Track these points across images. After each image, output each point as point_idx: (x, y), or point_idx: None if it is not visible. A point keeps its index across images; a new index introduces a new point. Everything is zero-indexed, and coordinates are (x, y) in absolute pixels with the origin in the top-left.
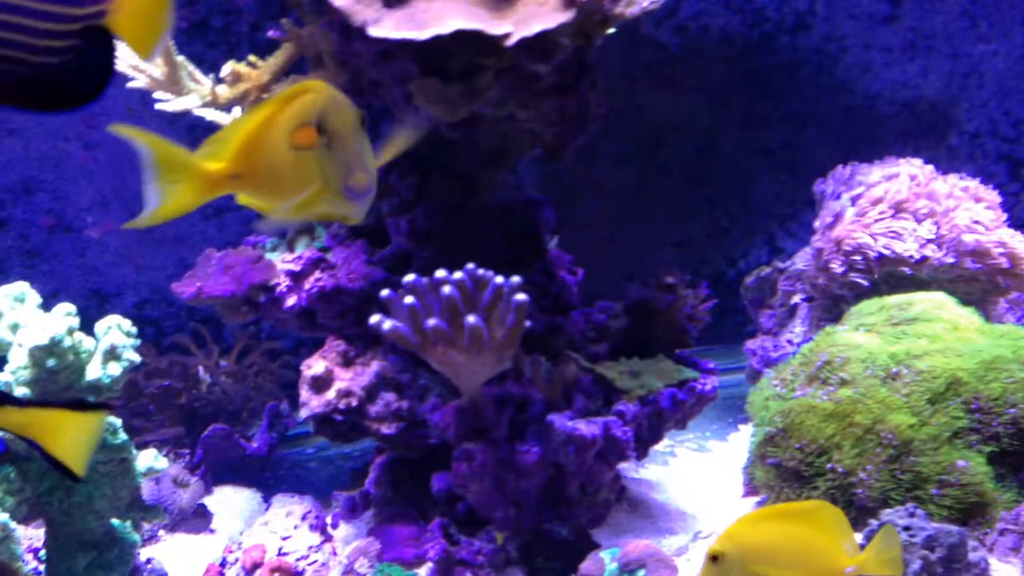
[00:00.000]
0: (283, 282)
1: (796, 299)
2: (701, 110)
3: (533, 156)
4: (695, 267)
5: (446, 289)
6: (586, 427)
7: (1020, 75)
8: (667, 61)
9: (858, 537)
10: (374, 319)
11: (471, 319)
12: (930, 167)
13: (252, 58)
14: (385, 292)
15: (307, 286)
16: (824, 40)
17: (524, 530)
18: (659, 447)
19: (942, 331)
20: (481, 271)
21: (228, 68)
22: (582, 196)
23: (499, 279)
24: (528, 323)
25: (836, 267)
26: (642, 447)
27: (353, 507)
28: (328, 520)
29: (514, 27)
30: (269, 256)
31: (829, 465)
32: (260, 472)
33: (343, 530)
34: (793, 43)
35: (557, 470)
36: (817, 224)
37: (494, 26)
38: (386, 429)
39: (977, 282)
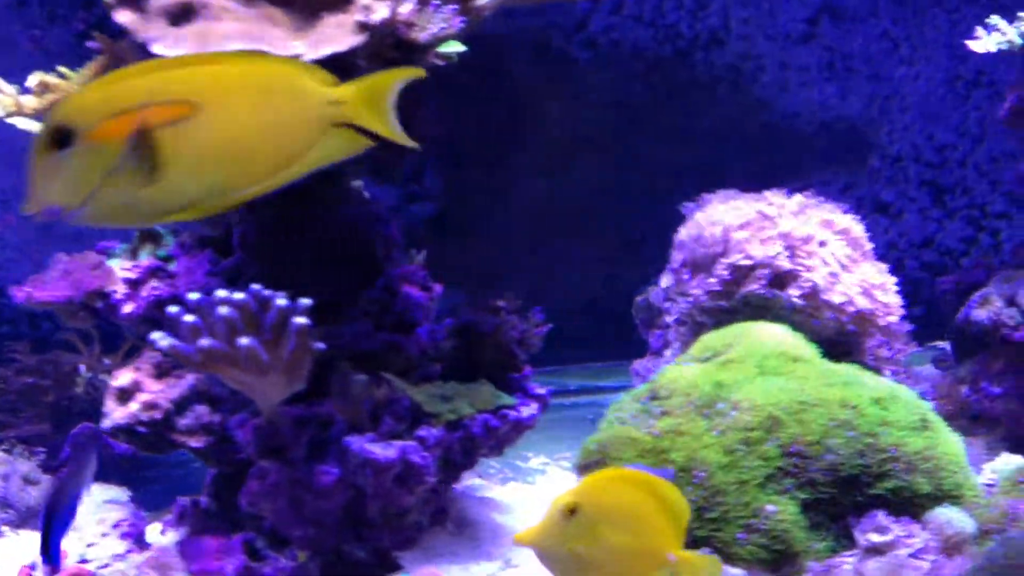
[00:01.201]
0: (120, 289)
1: (670, 320)
2: (615, 124)
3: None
4: (609, 282)
5: (223, 310)
6: (382, 451)
7: (943, 99)
8: (578, 75)
9: None
10: (155, 335)
11: (244, 341)
12: (795, 199)
13: (62, 69)
14: (173, 309)
15: (144, 294)
16: (739, 58)
17: (325, 550)
18: (532, 464)
19: (773, 366)
20: (267, 292)
21: (35, 78)
22: (491, 207)
23: (282, 301)
24: (320, 344)
25: (694, 291)
26: (452, 472)
27: (182, 515)
28: (159, 527)
29: (307, 48)
30: (112, 263)
31: None
32: (134, 471)
33: (171, 537)
34: (708, 59)
35: (358, 492)
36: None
37: (283, 47)
38: (195, 442)
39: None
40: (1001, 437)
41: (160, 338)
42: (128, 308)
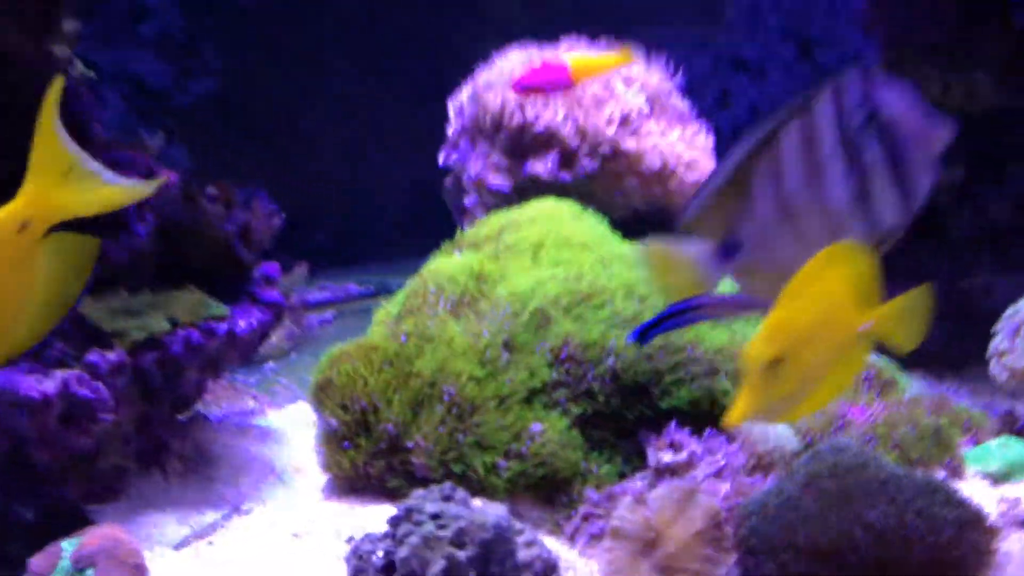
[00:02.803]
0: None
1: (468, 202)
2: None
3: None
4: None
5: None
6: (36, 385)
7: None
8: None
9: None
10: None
11: None
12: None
13: None
14: None
15: None
16: None
17: None
18: None
19: (551, 254)
20: None
21: None
22: (288, 87)
23: None
24: None
25: (474, 166)
26: (158, 403)
27: None
28: None
29: None
30: None
31: (383, 426)
32: None
33: None
34: None
35: (17, 438)
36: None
37: None
38: None
39: (630, 191)
40: None
41: None
42: None
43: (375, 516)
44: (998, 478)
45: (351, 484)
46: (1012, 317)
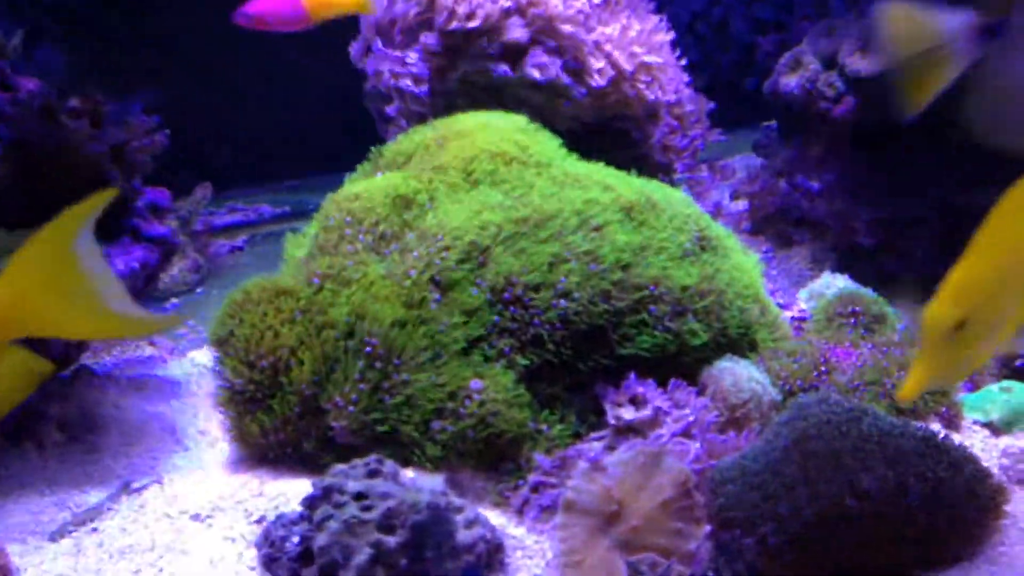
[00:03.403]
0: None
1: (391, 111)
2: None
3: None
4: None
5: None
6: None
7: None
8: None
9: None
10: None
11: None
12: None
13: None
14: None
15: None
16: None
17: None
18: None
19: (487, 173)
20: None
21: None
22: None
23: None
24: None
25: (390, 69)
26: None
27: None
28: None
29: None
30: None
31: (296, 386)
32: None
33: None
34: None
35: None
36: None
37: None
38: None
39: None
40: (831, 246)
41: None
42: None
43: (291, 491)
44: (999, 428)
45: (262, 453)
46: None
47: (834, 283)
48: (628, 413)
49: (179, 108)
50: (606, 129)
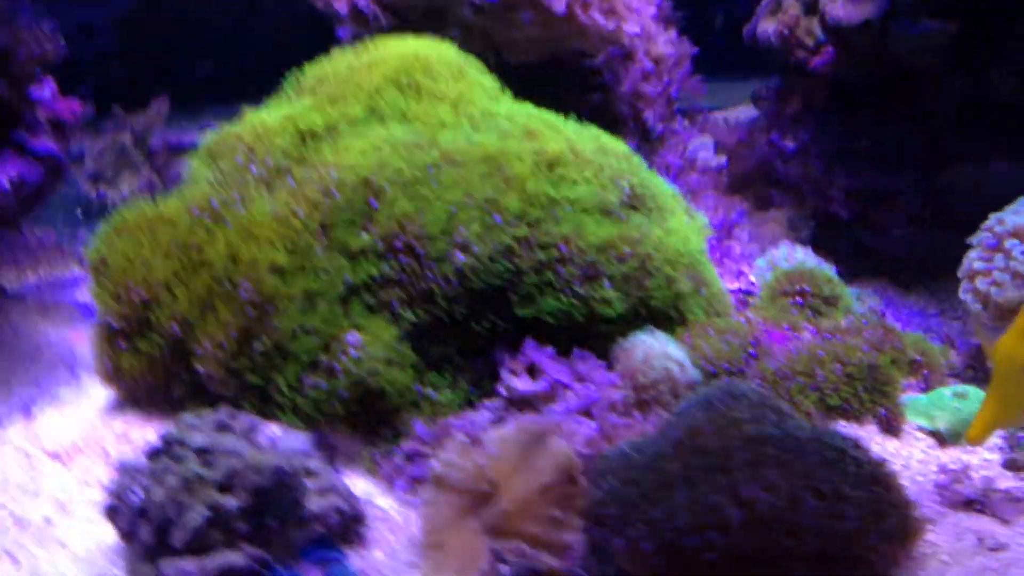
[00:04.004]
0: None
1: (341, 32)
2: None
3: None
4: None
5: None
6: None
7: None
8: None
9: None
10: None
11: None
12: None
13: None
14: None
15: None
16: None
17: None
18: None
19: (392, 104)
20: None
21: None
22: None
23: None
24: None
25: None
26: None
27: None
28: None
29: None
30: None
31: (166, 325)
32: None
33: None
34: None
35: None
36: None
37: None
38: None
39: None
40: (810, 212)
41: None
42: None
43: (156, 438)
44: (946, 438)
45: (133, 395)
46: (994, 228)
47: (793, 254)
48: (521, 384)
49: (152, 18)
50: (563, 68)
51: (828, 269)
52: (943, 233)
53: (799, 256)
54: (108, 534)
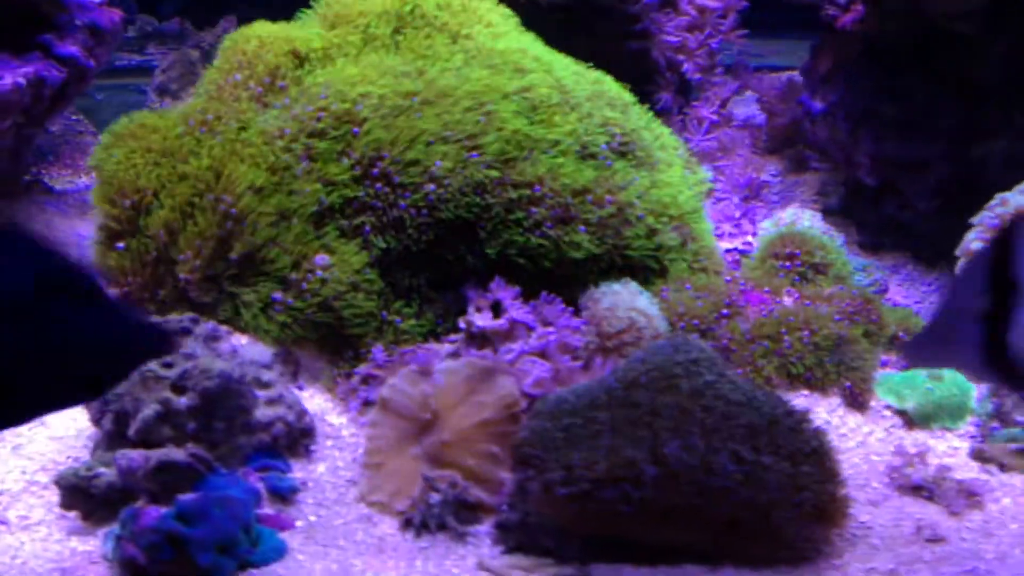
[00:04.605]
0: None
1: None
2: None
3: None
4: None
5: None
6: None
7: None
8: None
9: None
10: None
11: None
12: None
13: None
14: None
15: None
16: None
17: None
18: None
19: (384, 33)
20: None
21: None
22: None
23: None
24: None
25: None
26: None
27: None
28: None
29: None
30: None
31: (153, 230)
32: None
33: None
34: None
35: None
36: None
37: None
38: None
39: None
40: (842, 179)
41: None
42: None
43: None
44: (914, 420)
45: (124, 294)
46: (996, 208)
47: (801, 218)
48: (480, 319)
49: None
50: (599, 12)
51: (826, 236)
52: (971, 210)
53: (806, 222)
54: (83, 419)
